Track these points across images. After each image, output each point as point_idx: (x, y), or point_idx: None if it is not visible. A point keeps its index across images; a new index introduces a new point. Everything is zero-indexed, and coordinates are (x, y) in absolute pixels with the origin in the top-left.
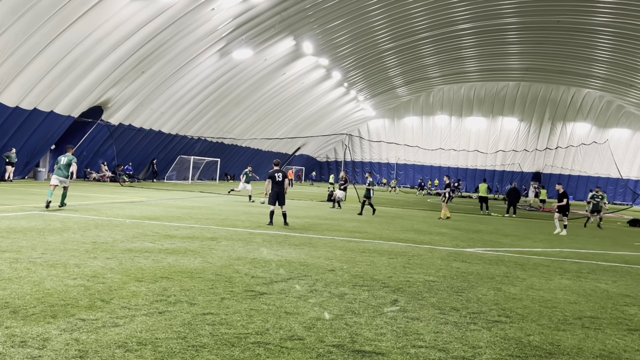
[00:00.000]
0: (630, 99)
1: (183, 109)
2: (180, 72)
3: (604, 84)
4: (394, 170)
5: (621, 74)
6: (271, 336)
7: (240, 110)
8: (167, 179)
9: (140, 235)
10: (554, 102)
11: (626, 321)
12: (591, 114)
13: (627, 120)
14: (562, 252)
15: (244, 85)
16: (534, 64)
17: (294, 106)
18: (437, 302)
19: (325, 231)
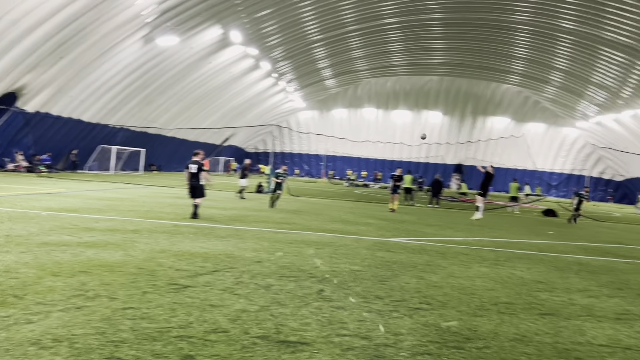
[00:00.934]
0: (545, 94)
1: (105, 96)
2: (102, 59)
3: (521, 80)
4: (323, 162)
5: (537, 71)
6: (195, 329)
7: (165, 99)
8: (88, 169)
9: (58, 228)
10: (476, 96)
11: (539, 306)
12: (510, 108)
13: (543, 114)
14: (481, 240)
15: (169, 73)
16: (457, 59)
17: (221, 96)
18: (362, 291)
19: (253, 222)
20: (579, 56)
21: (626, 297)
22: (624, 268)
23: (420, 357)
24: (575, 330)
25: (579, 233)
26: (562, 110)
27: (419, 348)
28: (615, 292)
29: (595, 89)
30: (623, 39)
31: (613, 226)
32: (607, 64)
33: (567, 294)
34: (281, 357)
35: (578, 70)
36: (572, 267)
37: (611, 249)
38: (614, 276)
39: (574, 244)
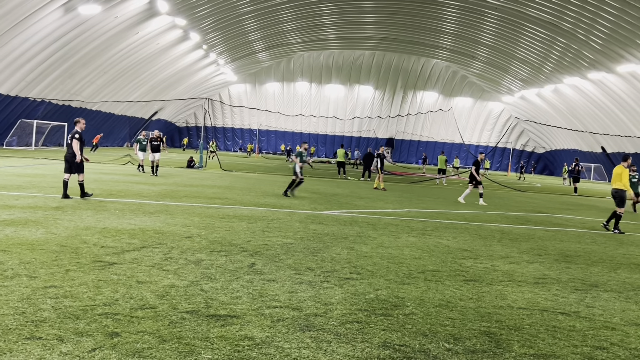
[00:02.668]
0: (472, 69)
1: (23, 68)
2: (19, 28)
3: (450, 55)
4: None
5: (465, 46)
6: (121, 306)
7: (89, 71)
8: (7, 145)
9: None
10: (406, 71)
11: (463, 273)
12: (439, 83)
13: (470, 89)
14: (410, 212)
15: (93, 44)
16: (387, 34)
17: (149, 68)
18: (294, 263)
19: (184, 198)
20: (504, 32)
21: (544, 263)
22: (543, 235)
23: (349, 325)
24: (497, 295)
25: (501, 203)
26: (489, 84)
27: (348, 317)
28: (534, 258)
29: (519, 64)
30: (545, 16)
31: (534, 196)
32: (530, 40)
33: (490, 260)
34: (210, 331)
35: (503, 46)
36: (495, 235)
37: (532, 218)
38: (533, 243)
39: (497, 214)
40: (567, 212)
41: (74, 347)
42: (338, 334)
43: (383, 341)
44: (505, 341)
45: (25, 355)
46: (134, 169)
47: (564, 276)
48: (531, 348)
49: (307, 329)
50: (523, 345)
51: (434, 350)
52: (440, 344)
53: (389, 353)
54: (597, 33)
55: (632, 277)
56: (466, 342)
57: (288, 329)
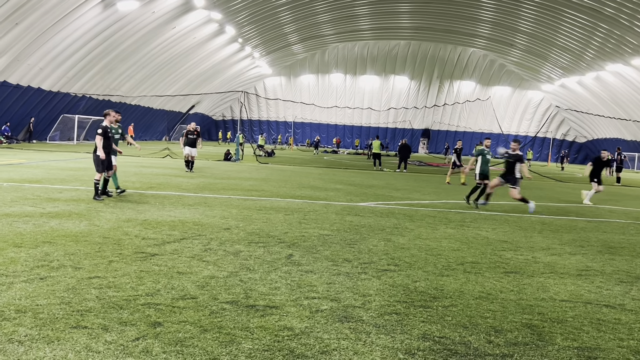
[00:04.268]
0: (511, 58)
1: (65, 64)
2: (60, 25)
3: (487, 44)
4: (291, 128)
5: (503, 34)
6: (162, 297)
7: (127, 66)
8: (50, 139)
9: (20, 199)
10: (442, 60)
11: (503, 265)
12: (476, 72)
13: (508, 78)
14: (448, 203)
15: (131, 39)
16: (423, 23)
17: (186, 62)
18: (331, 255)
19: (222, 190)
20: (543, 19)
21: (587, 254)
22: (586, 226)
23: (388, 317)
24: (539, 287)
25: (542, 194)
26: (528, 73)
27: (386, 308)
28: (577, 250)
29: (559, 52)
30: (587, 1)
31: (575, 186)
32: (571, 27)
33: (531, 252)
34: (250, 321)
35: (543, 33)
36: (536, 226)
37: (573, 209)
38: (575, 234)
39: (537, 204)
40: (610, 202)
41: (118, 336)
42: (377, 325)
43: (423, 333)
44: (547, 334)
45: (72, 343)
46: (172, 162)
47: (607, 268)
48: (575, 341)
49: (345, 320)
50: (566, 338)
51: (474, 342)
52: (481, 336)
53: (429, 345)
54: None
55: None
56: (508, 335)
57: (327, 320)
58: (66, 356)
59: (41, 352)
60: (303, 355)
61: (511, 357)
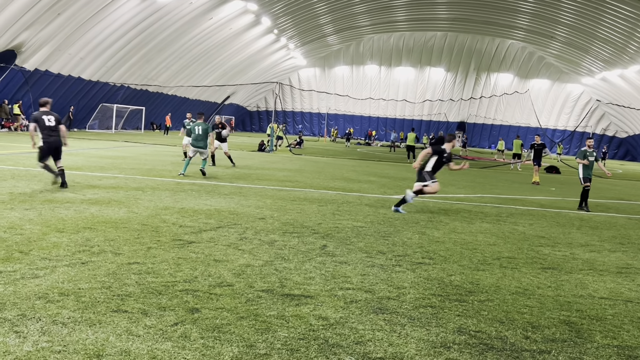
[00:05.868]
0: (550, 50)
1: (104, 54)
2: (100, 15)
3: (526, 35)
4: (324, 120)
5: (542, 26)
6: (200, 283)
7: (165, 57)
8: (89, 128)
9: None
10: (479, 52)
11: (540, 260)
12: (514, 64)
13: (547, 71)
14: (483, 197)
15: (169, 30)
16: (460, 14)
17: (222, 53)
18: (365, 247)
19: (256, 180)
20: (585, 10)
21: (628, 252)
22: (626, 223)
23: (423, 310)
24: (577, 283)
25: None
26: (567, 66)
27: (421, 301)
28: (616, 247)
29: (600, 44)
30: None
31: (615, 182)
32: (613, 18)
33: (569, 248)
34: (285, 310)
35: (584, 25)
36: (574, 222)
37: (613, 205)
38: (615, 231)
39: (575, 200)
40: None
41: (158, 321)
42: (412, 318)
43: (458, 327)
44: (586, 331)
45: (113, 327)
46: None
47: None
48: (615, 339)
49: (380, 311)
50: (606, 336)
51: (511, 337)
52: (517, 332)
53: (465, 339)
54: None
55: None
56: (545, 331)
57: (361, 311)
58: (107, 339)
59: (84, 334)
60: (338, 345)
61: (548, 353)
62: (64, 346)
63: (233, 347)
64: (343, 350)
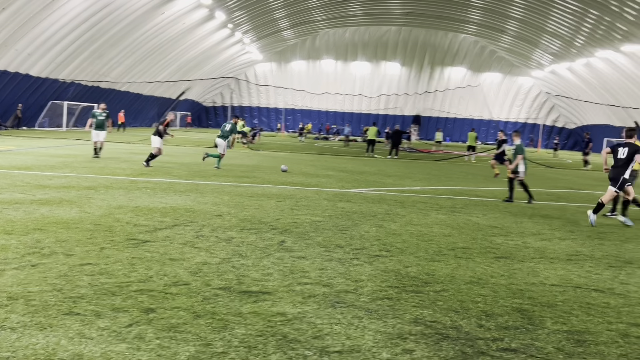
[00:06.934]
0: (501, 44)
1: (53, 50)
2: (47, 10)
3: (478, 30)
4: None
5: (494, 20)
6: (155, 283)
7: (117, 52)
8: (39, 126)
9: (9, 186)
10: (433, 47)
11: (494, 250)
12: (467, 58)
13: (499, 64)
14: (439, 189)
15: (120, 24)
16: (414, 8)
17: (175, 48)
18: (323, 241)
19: (213, 177)
20: (534, 4)
21: (577, 239)
22: (575, 211)
23: (380, 302)
24: (529, 271)
25: (532, 179)
26: (518, 59)
27: (378, 293)
28: (566, 235)
29: (549, 38)
30: None
31: (565, 172)
32: (561, 13)
33: (521, 237)
34: (243, 307)
35: (533, 19)
36: (526, 212)
37: (563, 194)
38: (565, 220)
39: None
40: (599, 188)
41: (112, 322)
42: (369, 310)
43: (414, 317)
44: (538, 318)
45: (65, 330)
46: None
47: (597, 253)
48: (564, 325)
49: (338, 305)
50: (556, 322)
51: (465, 326)
52: (472, 321)
53: (421, 329)
54: (630, 4)
55: None
56: (498, 319)
57: (319, 305)
58: (59, 342)
59: (34, 339)
60: (296, 340)
61: (501, 340)
62: (13, 352)
63: (189, 346)
64: (301, 345)
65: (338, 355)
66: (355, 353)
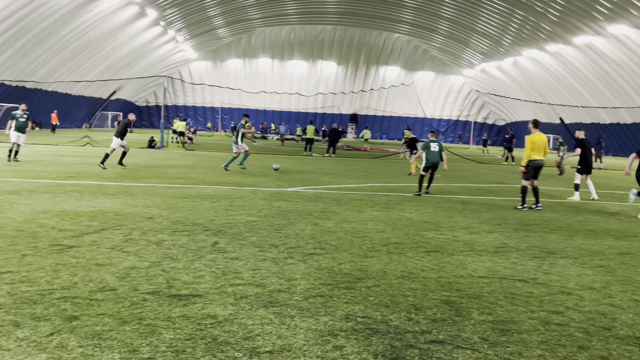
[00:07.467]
0: (434, 43)
1: None
2: None
3: (411, 29)
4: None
5: (426, 20)
6: (80, 290)
7: (43, 50)
8: None
9: None
10: (368, 46)
11: (425, 244)
12: (401, 57)
13: (432, 63)
14: (374, 186)
15: (46, 21)
16: (348, 8)
17: (106, 46)
18: (257, 241)
19: (145, 178)
20: (463, 5)
21: (504, 232)
22: (504, 205)
23: (313, 300)
24: (458, 264)
25: (463, 175)
26: (450, 58)
27: (311, 291)
28: (494, 228)
29: (479, 37)
30: None
31: (495, 167)
32: (489, 13)
33: (452, 231)
34: (172, 311)
35: (463, 19)
36: (457, 206)
37: (492, 188)
38: (494, 213)
39: (459, 186)
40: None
41: (31, 332)
42: (301, 309)
43: (346, 314)
44: (465, 309)
45: None
46: (93, 151)
47: (522, 244)
48: (490, 315)
49: (270, 305)
50: (482, 312)
51: (395, 320)
52: (401, 314)
53: (352, 325)
54: (554, 5)
55: (587, 243)
56: (427, 312)
57: (251, 306)
58: None
59: None
60: (226, 342)
61: (429, 333)
62: None
63: (114, 353)
64: (231, 347)
65: (268, 355)
66: (285, 352)
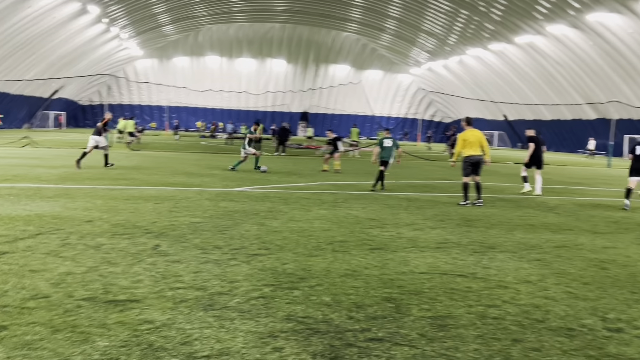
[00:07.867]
0: (381, 42)
1: None
2: None
3: (359, 28)
4: (166, 113)
5: (374, 18)
6: (10, 298)
7: None
8: None
9: None
10: (317, 44)
11: (369, 242)
12: (350, 56)
13: (380, 62)
14: (323, 184)
15: None
16: (297, 6)
17: (46, 43)
18: (200, 243)
19: (86, 180)
20: (410, 4)
21: (447, 228)
22: (447, 201)
23: (254, 301)
24: (401, 261)
25: (410, 172)
26: (397, 57)
27: (253, 293)
28: (437, 224)
29: (425, 36)
30: None
31: (441, 164)
32: (435, 12)
33: (396, 228)
34: (108, 317)
35: (410, 18)
36: (402, 203)
37: (437, 185)
38: (437, 210)
39: (405, 183)
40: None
41: None
42: (242, 311)
43: (287, 314)
44: (405, 306)
45: None
46: (32, 152)
47: (464, 240)
48: (429, 311)
49: (210, 308)
50: (421, 308)
51: (336, 319)
52: (343, 313)
53: (292, 326)
54: (496, 5)
55: (526, 237)
56: (368, 309)
57: (190, 310)
58: None
59: None
60: (162, 348)
61: (369, 331)
62: None
63: None
64: (168, 352)
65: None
66: (224, 356)
